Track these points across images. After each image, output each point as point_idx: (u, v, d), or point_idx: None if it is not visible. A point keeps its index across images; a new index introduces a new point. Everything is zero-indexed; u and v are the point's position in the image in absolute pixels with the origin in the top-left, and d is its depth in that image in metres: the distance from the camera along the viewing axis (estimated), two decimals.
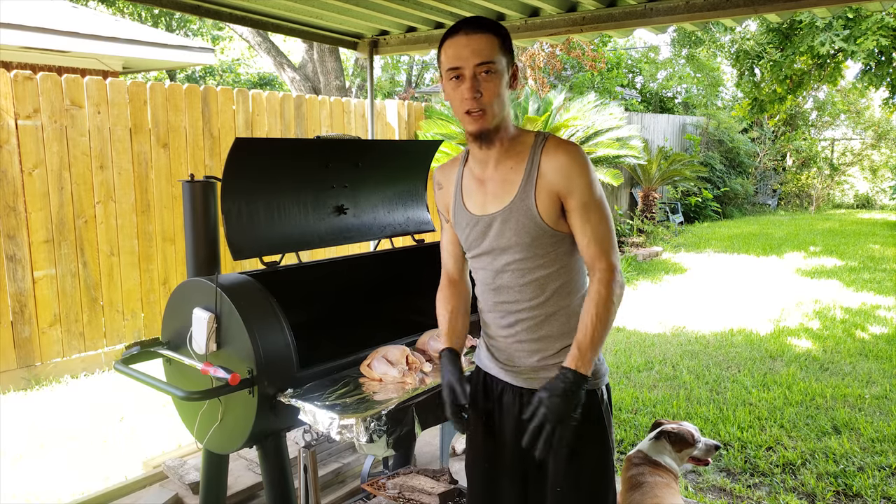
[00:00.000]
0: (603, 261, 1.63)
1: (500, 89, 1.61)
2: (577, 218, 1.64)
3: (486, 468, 1.84)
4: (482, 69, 1.58)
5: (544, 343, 1.71)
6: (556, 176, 1.62)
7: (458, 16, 3.63)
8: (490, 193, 1.70)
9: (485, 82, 1.58)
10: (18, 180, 4.78)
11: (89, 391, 4.78)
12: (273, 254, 2.47)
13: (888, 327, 6.10)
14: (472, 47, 1.57)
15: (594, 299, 1.62)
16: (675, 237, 11.90)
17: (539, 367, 1.72)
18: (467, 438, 1.91)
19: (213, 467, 2.51)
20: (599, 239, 1.63)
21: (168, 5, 3.25)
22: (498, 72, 1.59)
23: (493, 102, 1.60)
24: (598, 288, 1.62)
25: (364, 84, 14.53)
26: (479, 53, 1.57)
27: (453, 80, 1.61)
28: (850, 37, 9.95)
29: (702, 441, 2.58)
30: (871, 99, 17.46)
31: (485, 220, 1.70)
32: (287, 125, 6.60)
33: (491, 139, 1.65)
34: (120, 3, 14.85)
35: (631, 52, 19.46)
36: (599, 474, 1.73)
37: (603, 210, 1.65)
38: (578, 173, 1.62)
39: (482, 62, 1.57)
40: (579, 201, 1.62)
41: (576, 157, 1.63)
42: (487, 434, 1.82)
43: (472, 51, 1.57)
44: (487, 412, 1.82)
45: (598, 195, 1.64)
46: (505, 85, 1.62)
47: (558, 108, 8.76)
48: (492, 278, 1.73)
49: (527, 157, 1.66)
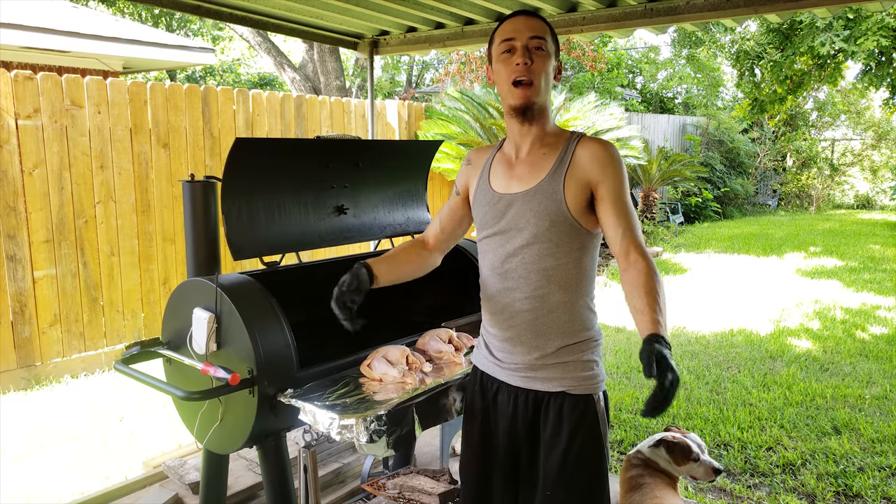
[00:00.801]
0: (639, 248, 1.60)
1: (548, 68, 1.68)
2: (608, 207, 1.64)
3: (480, 468, 1.83)
4: (535, 43, 1.66)
5: (543, 339, 1.70)
6: (590, 164, 1.65)
7: (459, 16, 3.64)
8: (517, 175, 1.73)
9: (536, 56, 1.66)
10: (18, 180, 4.78)
11: (89, 391, 4.78)
12: (273, 254, 2.46)
13: (888, 328, 6.10)
14: (529, 24, 1.68)
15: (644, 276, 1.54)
16: (676, 237, 11.90)
17: (537, 366, 1.71)
18: (462, 439, 1.89)
19: (213, 467, 2.51)
20: (632, 229, 1.63)
21: (168, 5, 3.25)
22: (548, 52, 1.68)
23: (542, 76, 1.66)
24: (642, 266, 1.56)
25: (364, 84, 14.53)
26: (534, 29, 1.67)
27: (505, 54, 1.68)
28: (851, 37, 9.95)
29: (704, 459, 2.46)
30: (872, 99, 17.47)
31: (506, 199, 1.71)
32: (287, 125, 6.60)
33: (532, 116, 1.69)
34: (120, 3, 14.85)
35: (631, 53, 19.46)
36: (593, 479, 1.71)
37: (633, 208, 1.68)
38: (613, 165, 1.65)
39: (535, 36, 1.66)
40: (612, 191, 1.64)
41: (612, 151, 1.68)
42: (483, 435, 1.82)
43: (527, 26, 1.67)
44: (484, 412, 1.82)
45: (628, 193, 1.67)
46: (552, 68, 1.70)
47: (559, 108, 8.77)
48: (500, 262, 1.73)
49: (562, 146, 1.70)
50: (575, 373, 1.69)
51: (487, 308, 1.80)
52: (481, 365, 1.85)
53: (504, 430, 1.76)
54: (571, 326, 1.69)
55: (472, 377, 1.89)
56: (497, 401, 1.78)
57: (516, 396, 1.74)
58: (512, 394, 1.75)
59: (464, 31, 3.81)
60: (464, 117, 8.26)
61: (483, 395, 1.82)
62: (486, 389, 1.81)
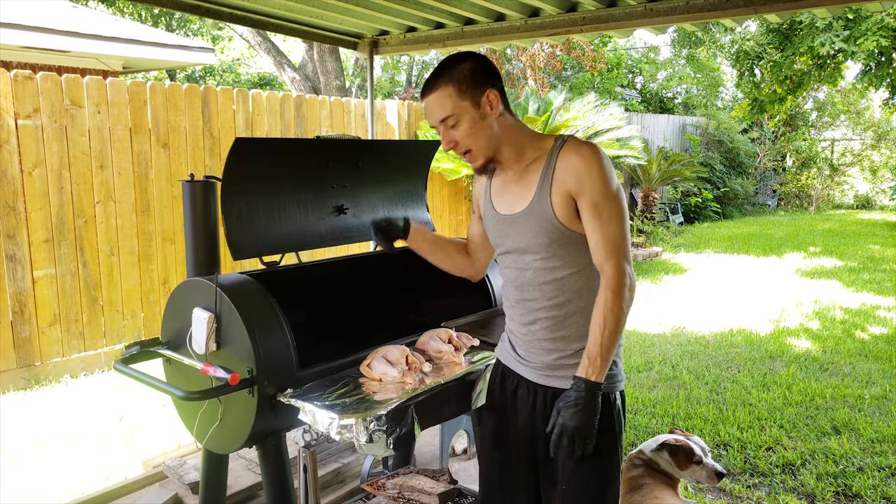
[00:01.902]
0: (611, 262, 1.63)
1: (470, 131, 1.70)
2: (587, 218, 1.66)
3: (498, 459, 1.89)
4: (446, 123, 1.71)
5: (562, 343, 1.74)
6: (567, 176, 1.66)
7: (459, 16, 3.64)
8: (513, 194, 1.77)
9: (452, 133, 1.71)
10: (18, 180, 4.78)
11: (89, 391, 4.78)
12: (273, 254, 2.46)
13: (888, 328, 6.10)
14: (429, 109, 1.72)
15: (601, 305, 1.63)
16: (675, 237, 11.90)
17: (556, 366, 1.75)
18: (480, 429, 1.96)
19: (212, 467, 2.51)
20: (609, 240, 1.64)
21: (168, 5, 3.25)
22: (460, 119, 1.69)
23: (470, 143, 1.71)
24: (605, 293, 1.63)
25: (364, 84, 14.53)
26: (433, 114, 1.72)
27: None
28: (850, 37, 9.95)
29: (708, 463, 2.46)
30: (871, 99, 17.47)
31: (507, 220, 1.77)
32: (287, 125, 6.60)
33: (493, 167, 1.77)
34: (120, 3, 14.85)
35: (631, 53, 19.46)
36: (606, 477, 1.75)
37: (616, 211, 1.65)
38: (590, 173, 1.64)
39: (441, 119, 1.71)
40: (590, 201, 1.65)
41: (589, 158, 1.65)
42: (501, 426, 1.87)
43: (430, 113, 1.73)
44: (502, 405, 1.87)
45: (611, 196, 1.65)
46: (475, 122, 1.70)
47: (558, 108, 8.77)
48: (515, 276, 1.79)
49: (545, 159, 1.72)
50: None
51: (509, 313, 1.87)
52: (504, 359, 1.90)
53: (523, 423, 1.81)
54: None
55: (494, 369, 1.96)
56: (517, 395, 1.83)
57: (535, 392, 1.79)
58: (531, 389, 1.80)
59: (464, 31, 3.81)
60: None
61: (503, 388, 1.88)
62: (507, 383, 1.87)
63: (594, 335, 1.62)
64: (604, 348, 1.61)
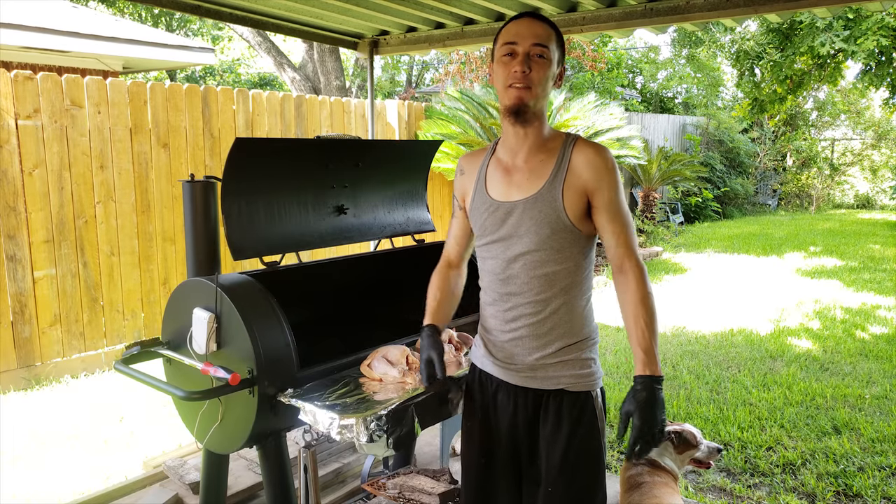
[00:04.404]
0: (632, 259, 1.67)
1: (547, 75, 1.66)
2: (605, 215, 1.67)
3: (481, 463, 1.86)
4: (536, 51, 1.64)
5: (544, 341, 1.71)
6: (586, 171, 1.66)
7: (459, 16, 3.64)
8: (515, 183, 1.73)
9: (535, 63, 1.65)
10: (18, 180, 4.78)
11: (89, 391, 4.78)
12: (273, 254, 2.46)
13: (888, 327, 6.10)
14: (533, 30, 1.66)
15: (637, 301, 1.65)
16: (676, 237, 11.90)
17: (537, 367, 1.72)
18: (463, 433, 1.92)
19: (213, 467, 2.51)
20: (627, 238, 1.68)
21: (168, 5, 3.25)
22: (549, 59, 1.66)
23: (538, 83, 1.65)
24: (636, 287, 1.66)
25: (364, 84, 14.53)
26: (537, 35, 1.65)
27: (506, 57, 1.67)
28: (851, 37, 9.95)
29: (704, 444, 2.57)
30: (872, 99, 17.46)
31: (505, 207, 1.72)
32: (287, 125, 6.60)
33: (527, 118, 1.68)
34: (120, 3, 14.85)
35: (631, 52, 19.45)
36: (593, 473, 1.74)
37: (627, 211, 1.70)
38: (608, 171, 1.67)
39: (538, 43, 1.64)
40: (608, 199, 1.66)
41: (606, 156, 1.68)
42: (483, 430, 1.84)
43: (531, 32, 1.65)
44: (483, 410, 1.83)
45: (622, 197, 1.69)
46: (552, 75, 1.68)
47: (558, 108, 8.76)
48: (502, 268, 1.74)
49: (558, 151, 1.70)
50: (574, 371, 1.72)
51: (489, 311, 1.81)
52: (480, 364, 1.86)
53: (505, 427, 1.78)
54: (571, 327, 1.72)
55: (470, 375, 1.91)
56: (497, 399, 1.80)
57: (516, 395, 1.76)
58: (511, 392, 1.77)
59: (464, 31, 3.81)
60: (464, 117, 8.26)
61: (482, 393, 1.84)
62: (486, 388, 1.83)
63: (640, 331, 1.63)
64: (654, 339, 1.64)
